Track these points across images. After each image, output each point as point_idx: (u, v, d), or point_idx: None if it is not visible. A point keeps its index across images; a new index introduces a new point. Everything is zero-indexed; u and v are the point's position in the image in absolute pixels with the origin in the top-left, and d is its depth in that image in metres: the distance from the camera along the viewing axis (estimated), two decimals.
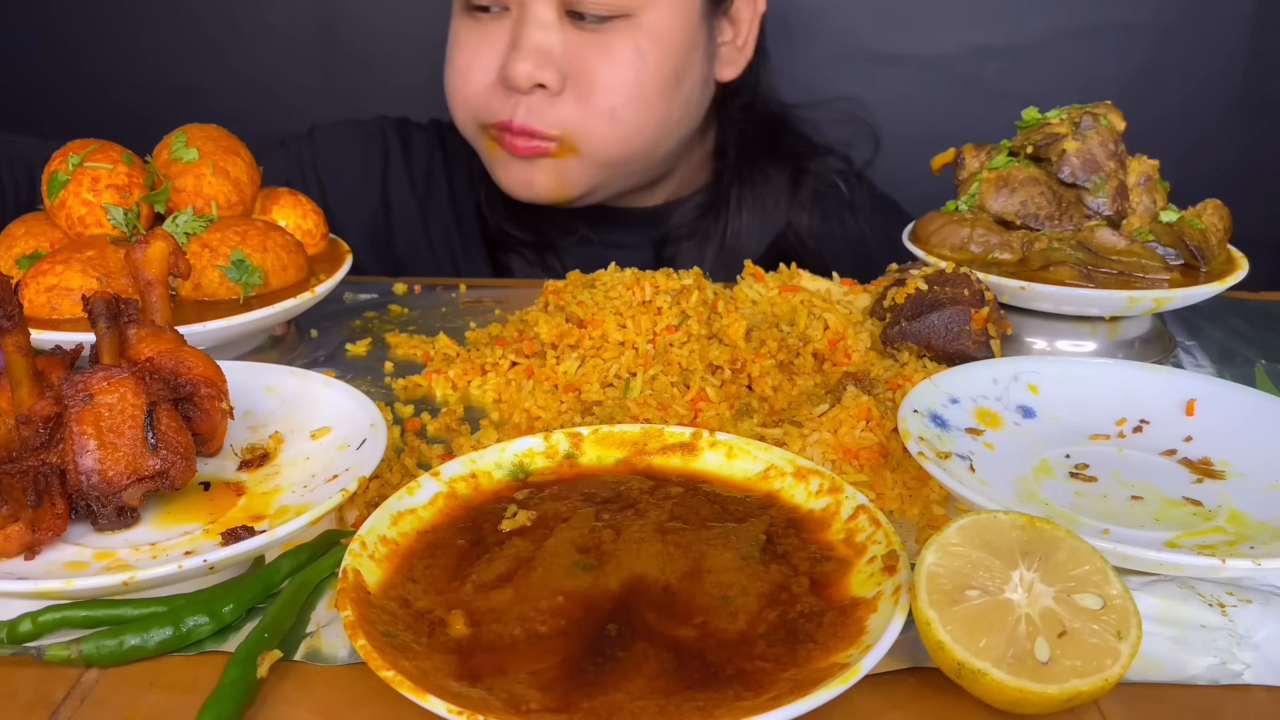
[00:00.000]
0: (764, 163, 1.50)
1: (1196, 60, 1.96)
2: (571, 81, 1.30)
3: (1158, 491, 0.76)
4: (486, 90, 1.34)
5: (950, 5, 1.42)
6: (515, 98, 1.31)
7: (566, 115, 1.31)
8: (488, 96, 1.34)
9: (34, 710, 0.59)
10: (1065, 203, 1.10)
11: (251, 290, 0.98)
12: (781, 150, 1.51)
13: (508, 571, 0.64)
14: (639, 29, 1.29)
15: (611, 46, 1.29)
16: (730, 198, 1.49)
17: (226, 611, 0.64)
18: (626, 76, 1.30)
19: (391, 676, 0.53)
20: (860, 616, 0.60)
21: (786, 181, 1.49)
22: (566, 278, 1.05)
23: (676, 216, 1.49)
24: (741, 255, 1.36)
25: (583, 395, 0.91)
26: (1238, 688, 0.61)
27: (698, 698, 0.54)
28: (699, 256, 1.47)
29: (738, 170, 1.49)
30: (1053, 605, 0.57)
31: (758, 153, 1.50)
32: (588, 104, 1.31)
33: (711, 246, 1.47)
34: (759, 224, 1.48)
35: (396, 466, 0.82)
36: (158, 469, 0.69)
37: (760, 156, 1.50)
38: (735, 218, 1.48)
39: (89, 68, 2.02)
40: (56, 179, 1.00)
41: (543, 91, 1.30)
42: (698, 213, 1.50)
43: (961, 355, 0.95)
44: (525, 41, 1.28)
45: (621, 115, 1.32)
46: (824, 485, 0.71)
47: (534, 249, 1.49)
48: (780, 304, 1.03)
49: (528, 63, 1.28)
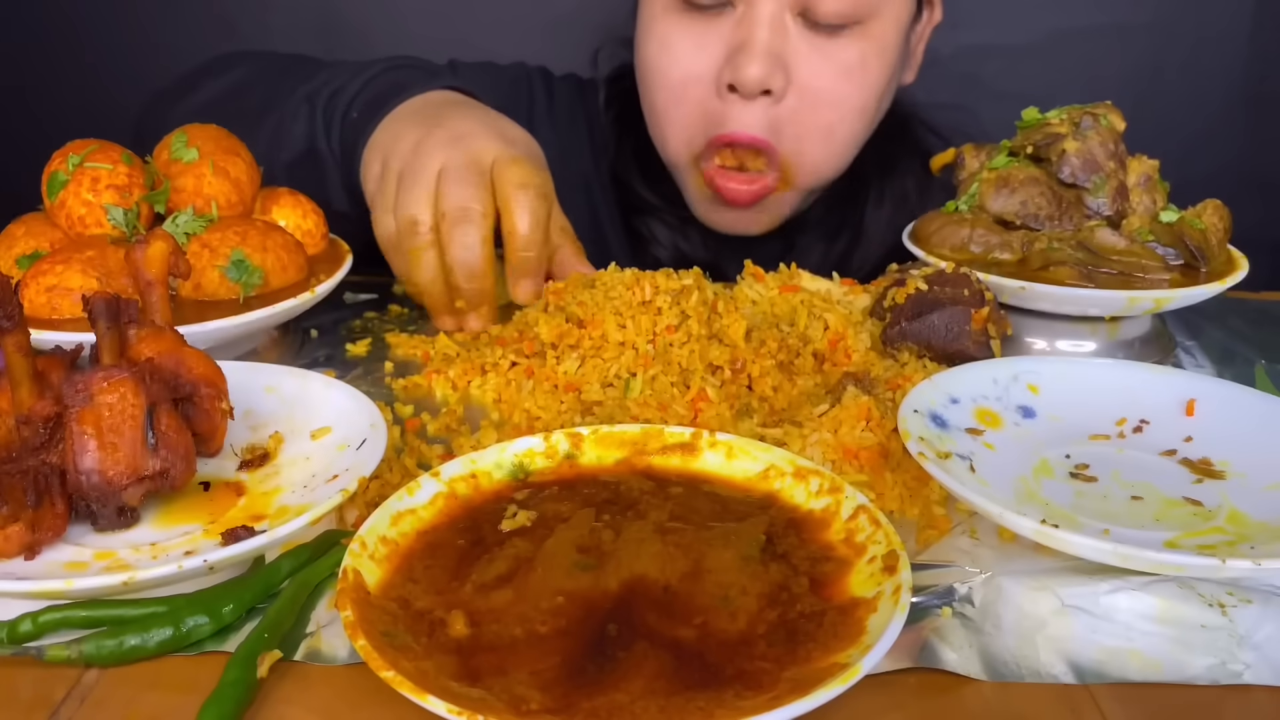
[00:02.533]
0: (903, 155, 1.44)
1: (1196, 60, 1.96)
2: (794, 89, 1.21)
3: (1158, 491, 0.76)
4: (701, 103, 1.23)
5: (950, 5, 1.42)
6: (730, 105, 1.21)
7: (787, 125, 1.22)
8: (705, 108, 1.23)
9: (34, 710, 0.59)
10: (1065, 203, 1.10)
11: (251, 290, 0.98)
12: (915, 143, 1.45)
13: (508, 572, 0.64)
14: (867, 38, 1.21)
15: (840, 56, 1.20)
16: (870, 189, 1.43)
17: (226, 611, 0.64)
18: (851, 89, 1.22)
19: (391, 676, 0.53)
20: (860, 616, 0.60)
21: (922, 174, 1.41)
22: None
23: (813, 205, 1.43)
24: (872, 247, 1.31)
25: (583, 395, 0.92)
26: (1238, 688, 0.61)
27: (698, 698, 0.54)
28: (829, 246, 1.42)
29: (878, 163, 1.42)
30: None
31: (895, 146, 1.44)
32: (807, 116, 1.22)
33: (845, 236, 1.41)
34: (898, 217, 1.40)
35: (396, 466, 0.82)
36: (158, 469, 0.69)
37: (898, 149, 1.44)
38: (876, 210, 1.42)
39: (89, 67, 2.02)
40: (56, 179, 1.00)
41: (765, 99, 1.20)
42: (832, 198, 1.43)
43: (961, 355, 0.95)
44: (756, 43, 1.17)
45: (838, 132, 1.24)
46: (824, 485, 0.71)
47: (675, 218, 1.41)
48: (780, 304, 1.03)
49: (760, 66, 1.17)
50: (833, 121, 1.23)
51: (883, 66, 1.25)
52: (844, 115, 1.24)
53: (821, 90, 1.21)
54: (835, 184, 1.43)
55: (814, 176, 1.28)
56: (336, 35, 1.99)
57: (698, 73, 1.23)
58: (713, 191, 1.29)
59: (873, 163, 1.44)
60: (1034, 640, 0.64)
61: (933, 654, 0.63)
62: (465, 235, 1.01)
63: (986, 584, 0.69)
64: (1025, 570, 0.70)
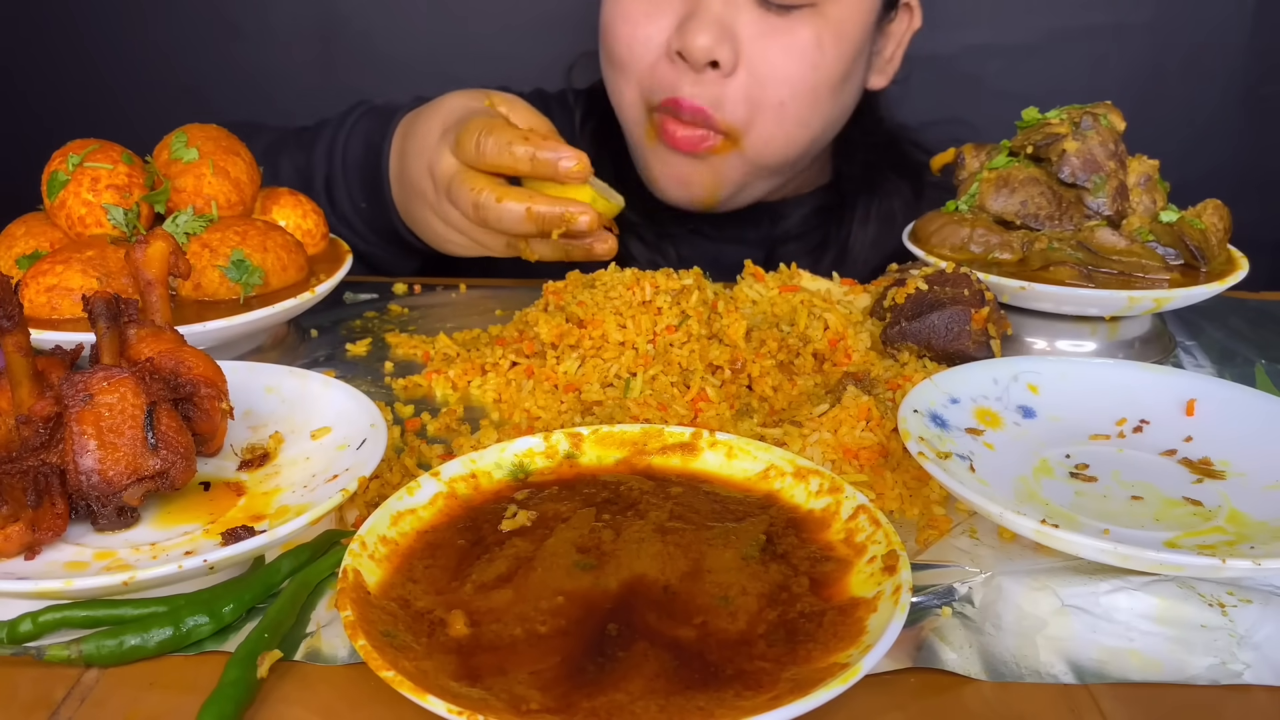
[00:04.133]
0: (890, 174, 1.45)
1: (1196, 60, 1.96)
2: (745, 65, 1.22)
3: (1158, 491, 0.76)
4: (652, 65, 1.25)
5: (950, 5, 1.42)
6: (681, 73, 1.23)
7: (734, 101, 1.23)
8: (655, 71, 1.25)
9: (34, 710, 0.59)
10: (1065, 203, 1.10)
11: (251, 290, 0.98)
12: (905, 163, 1.46)
13: (508, 571, 0.64)
14: (823, 19, 1.22)
15: (793, 34, 1.22)
16: (856, 206, 1.44)
17: (226, 611, 0.64)
18: (803, 69, 1.23)
19: (391, 676, 0.53)
20: (860, 616, 0.60)
21: (910, 195, 1.45)
22: (566, 278, 1.05)
23: (795, 215, 1.44)
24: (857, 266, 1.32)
25: (583, 395, 0.91)
26: (1238, 688, 0.61)
27: (698, 698, 0.54)
28: (814, 260, 1.42)
29: (865, 180, 1.44)
30: None
31: (883, 164, 1.45)
32: (758, 92, 1.23)
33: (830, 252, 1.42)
34: (883, 236, 1.42)
35: (396, 466, 0.82)
36: (158, 469, 0.69)
37: (886, 168, 1.45)
38: (861, 228, 1.43)
39: (90, 67, 2.02)
40: (56, 179, 1.00)
41: (714, 71, 1.22)
42: (816, 214, 1.45)
43: (961, 355, 0.95)
44: (705, 13, 1.20)
45: (789, 109, 1.25)
46: (824, 485, 0.71)
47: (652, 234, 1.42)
48: (780, 304, 1.03)
49: (707, 35, 1.19)
50: (784, 98, 1.24)
51: (839, 53, 1.25)
52: (796, 93, 1.24)
53: (774, 67, 1.22)
54: (817, 196, 1.45)
55: (765, 149, 1.28)
56: (336, 35, 1.99)
57: (648, 34, 1.25)
58: (659, 136, 1.30)
59: (859, 180, 1.44)
60: (1034, 640, 0.64)
61: (933, 654, 0.63)
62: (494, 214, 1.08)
63: (986, 584, 0.69)
64: (1025, 570, 0.70)
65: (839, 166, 1.48)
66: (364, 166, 1.28)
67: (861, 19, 1.27)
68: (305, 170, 1.33)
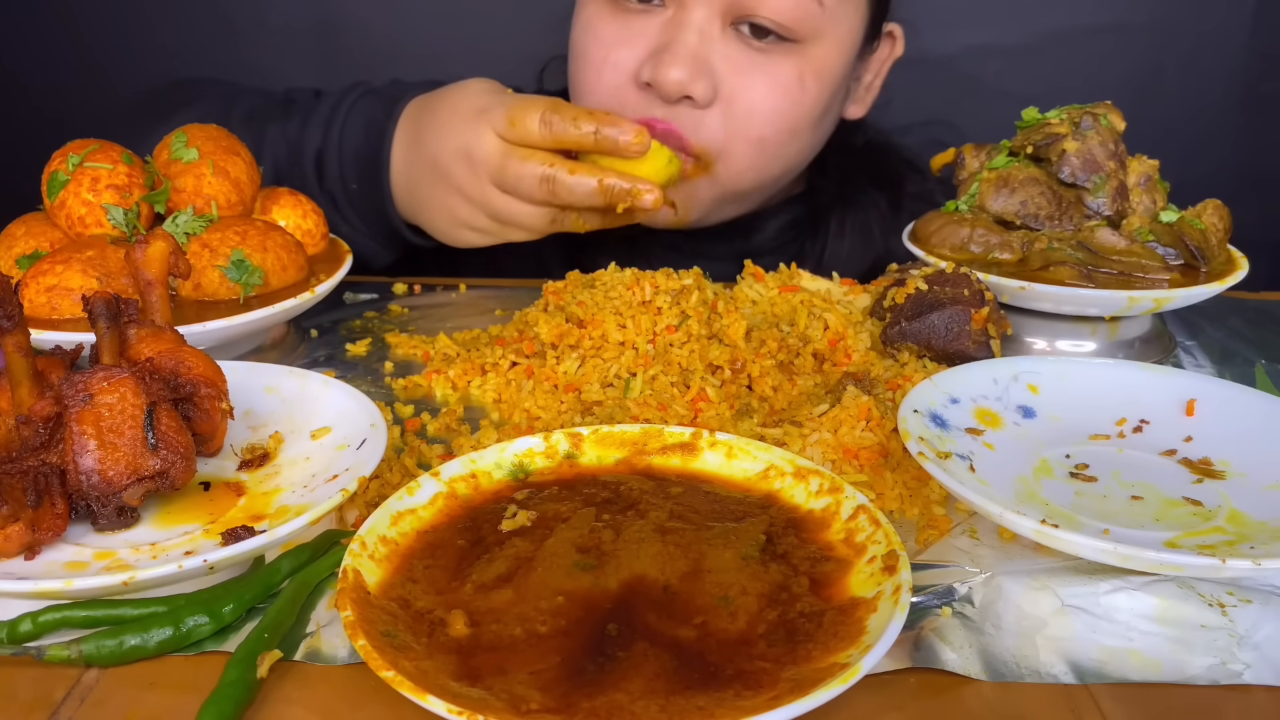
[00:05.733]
0: (867, 186, 1.43)
1: (1196, 60, 1.96)
2: (724, 100, 1.19)
3: (1158, 491, 0.76)
4: (619, 89, 1.21)
5: (950, 5, 1.42)
6: (651, 102, 1.20)
7: (710, 134, 1.20)
8: (621, 95, 1.21)
9: (34, 710, 0.59)
10: (1065, 203, 1.10)
11: (251, 290, 0.98)
12: (883, 174, 1.44)
13: (508, 571, 0.64)
14: (805, 58, 1.20)
15: (775, 70, 1.19)
16: (831, 220, 1.43)
17: (226, 611, 0.64)
18: (784, 105, 1.20)
19: (391, 676, 0.53)
20: (860, 616, 0.60)
21: (887, 206, 1.43)
22: (566, 278, 1.05)
23: (769, 229, 1.42)
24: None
25: (583, 395, 0.91)
26: (1238, 688, 0.61)
27: (698, 698, 0.54)
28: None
29: (841, 194, 1.42)
30: None
31: (860, 177, 1.43)
32: (736, 127, 1.20)
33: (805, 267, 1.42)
34: (859, 250, 1.41)
35: (396, 466, 0.82)
36: (158, 469, 0.69)
37: (862, 180, 1.43)
38: (837, 241, 1.42)
39: (90, 67, 2.02)
40: (56, 179, 1.00)
41: (688, 103, 1.18)
42: (791, 227, 1.43)
43: (961, 355, 0.95)
44: (680, 46, 1.16)
45: (769, 145, 1.23)
46: (824, 485, 0.71)
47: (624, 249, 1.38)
48: (780, 304, 1.03)
49: (680, 69, 1.15)
50: (765, 135, 1.22)
51: (821, 90, 1.23)
52: (776, 130, 1.22)
53: (754, 102, 1.20)
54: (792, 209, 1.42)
55: (738, 180, 1.25)
56: (335, 34, 1.99)
57: (616, 59, 1.22)
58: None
59: (834, 194, 1.43)
60: (1034, 640, 0.64)
61: (933, 654, 0.63)
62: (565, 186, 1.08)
63: (986, 584, 0.69)
64: (1025, 570, 0.70)
65: (813, 179, 1.46)
66: (362, 147, 1.24)
67: (844, 55, 1.25)
68: (296, 142, 1.28)
